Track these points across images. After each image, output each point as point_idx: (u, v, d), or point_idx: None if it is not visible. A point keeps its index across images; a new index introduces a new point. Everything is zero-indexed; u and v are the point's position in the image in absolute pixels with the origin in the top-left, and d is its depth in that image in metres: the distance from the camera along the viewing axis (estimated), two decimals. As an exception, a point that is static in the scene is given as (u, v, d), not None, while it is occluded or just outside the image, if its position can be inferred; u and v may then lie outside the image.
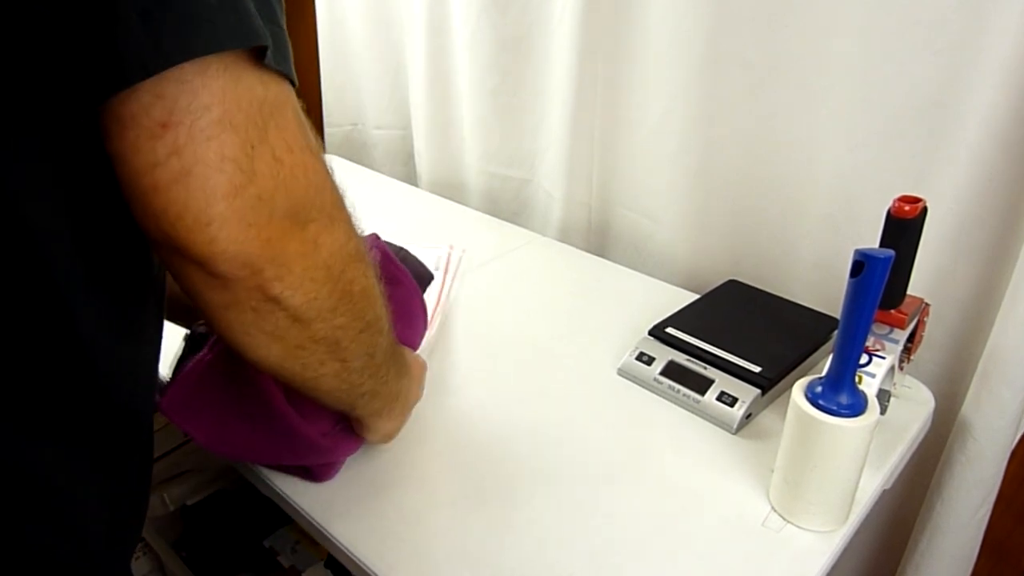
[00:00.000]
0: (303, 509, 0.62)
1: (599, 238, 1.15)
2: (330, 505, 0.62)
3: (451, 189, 1.33)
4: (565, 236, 1.15)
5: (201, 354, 0.54)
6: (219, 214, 0.34)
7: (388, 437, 0.63)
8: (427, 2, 1.20)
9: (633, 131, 1.03)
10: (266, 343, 0.41)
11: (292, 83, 0.38)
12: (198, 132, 0.33)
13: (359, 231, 0.45)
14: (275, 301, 0.39)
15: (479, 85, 1.18)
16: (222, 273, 0.36)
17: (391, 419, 0.61)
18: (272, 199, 0.36)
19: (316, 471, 0.64)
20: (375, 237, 0.65)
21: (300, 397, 0.50)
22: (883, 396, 0.71)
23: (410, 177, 1.43)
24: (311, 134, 0.39)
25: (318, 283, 0.40)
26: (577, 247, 1.11)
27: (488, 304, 0.94)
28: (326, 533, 0.60)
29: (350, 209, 0.43)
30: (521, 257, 1.07)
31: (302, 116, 0.38)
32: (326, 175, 0.40)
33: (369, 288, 0.46)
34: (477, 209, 1.25)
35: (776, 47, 0.84)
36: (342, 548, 0.59)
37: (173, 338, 0.58)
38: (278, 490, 0.65)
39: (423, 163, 1.37)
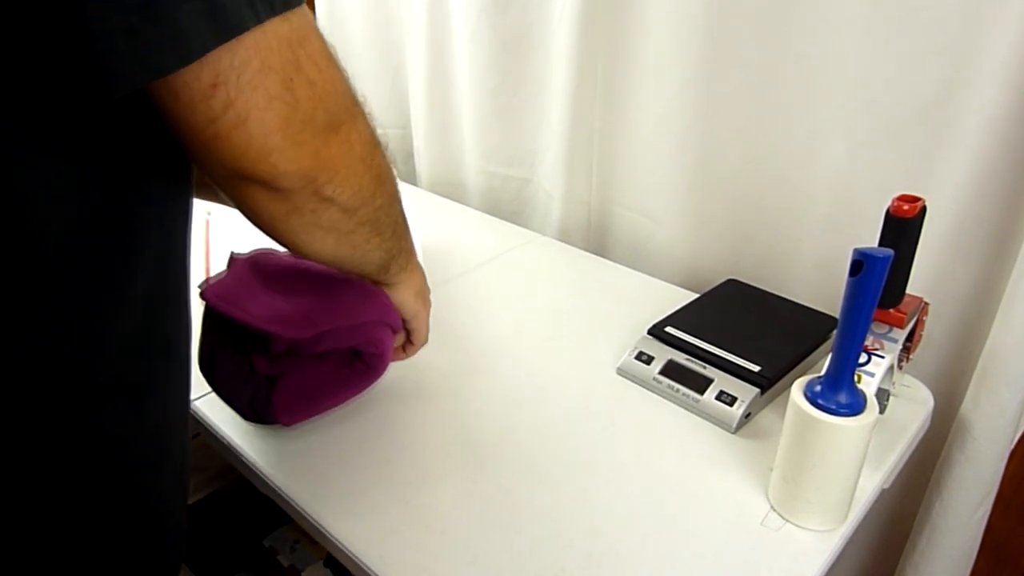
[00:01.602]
0: (303, 508, 0.62)
1: (599, 237, 1.15)
2: (329, 504, 0.63)
3: (451, 188, 1.33)
4: (565, 235, 1.15)
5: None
6: (276, 145, 0.39)
7: (420, 292, 0.68)
8: (427, 2, 1.20)
9: (633, 131, 1.03)
10: (322, 236, 0.47)
11: (304, 1, 0.40)
12: (245, 84, 0.36)
13: (370, 114, 0.49)
14: (329, 200, 0.45)
15: (479, 84, 1.18)
16: (284, 187, 0.42)
17: (414, 271, 0.67)
18: (313, 118, 0.40)
19: (369, 359, 0.67)
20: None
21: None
22: (882, 395, 0.71)
23: (410, 176, 1.43)
24: (328, 43, 0.42)
25: (359, 175, 0.46)
26: (577, 246, 1.11)
27: (488, 303, 0.94)
28: (325, 532, 0.60)
29: (360, 98, 0.47)
30: (520, 256, 1.07)
31: (319, 29, 0.41)
32: (345, 79, 0.44)
33: (388, 166, 0.52)
34: (477, 208, 1.25)
35: (776, 47, 0.84)
36: (341, 547, 0.59)
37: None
38: (278, 489, 0.65)
39: (423, 162, 1.37)
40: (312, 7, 1.45)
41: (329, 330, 0.63)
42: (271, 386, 0.65)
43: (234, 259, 0.65)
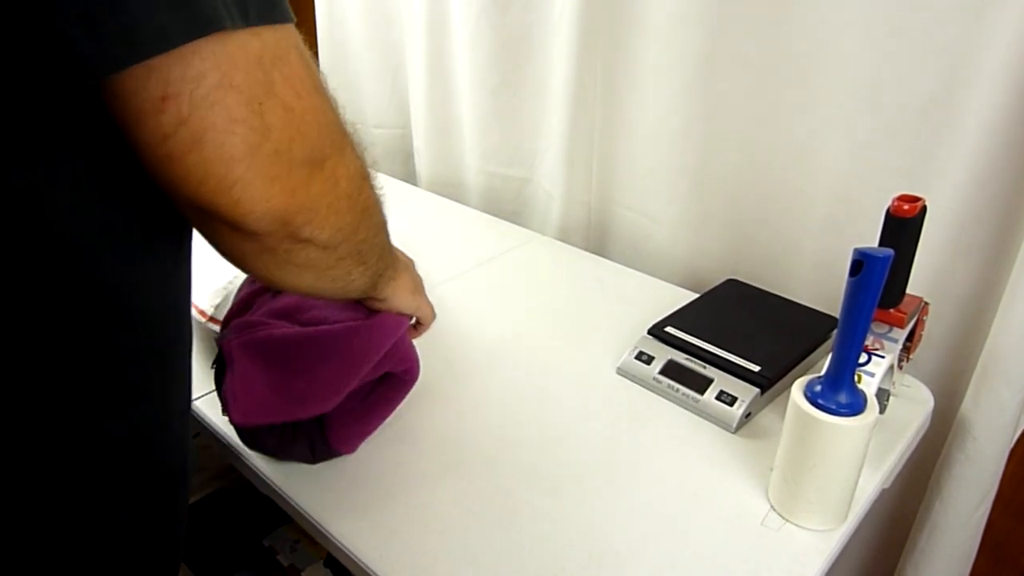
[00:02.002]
0: (302, 508, 0.62)
1: (598, 237, 1.15)
2: (329, 504, 0.63)
3: (450, 188, 1.33)
4: (564, 235, 1.15)
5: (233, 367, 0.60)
6: (240, 176, 0.35)
7: (414, 288, 0.66)
8: (427, 2, 1.20)
9: (633, 130, 1.03)
10: (298, 273, 0.43)
11: (290, 21, 0.37)
12: (200, 100, 0.32)
13: (359, 144, 0.45)
14: (306, 241, 0.40)
15: (479, 84, 1.18)
16: (253, 230, 0.37)
17: (401, 274, 0.63)
18: (289, 150, 0.36)
19: (353, 425, 0.67)
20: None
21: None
22: (882, 395, 0.71)
23: (409, 176, 1.43)
24: (315, 68, 0.38)
25: (342, 213, 0.42)
26: (576, 246, 1.11)
27: (487, 303, 0.94)
28: (325, 532, 0.60)
29: (350, 128, 0.44)
30: (520, 256, 1.07)
31: (307, 54, 0.38)
32: (332, 108, 0.40)
33: (376, 197, 0.48)
34: (476, 208, 1.25)
35: (776, 47, 0.84)
36: (341, 547, 0.59)
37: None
38: (277, 489, 0.65)
39: (422, 162, 1.37)
40: (312, 7, 1.45)
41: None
42: (322, 428, 0.64)
43: (228, 351, 0.61)
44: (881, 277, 0.52)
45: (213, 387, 0.75)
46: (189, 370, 0.52)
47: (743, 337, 0.78)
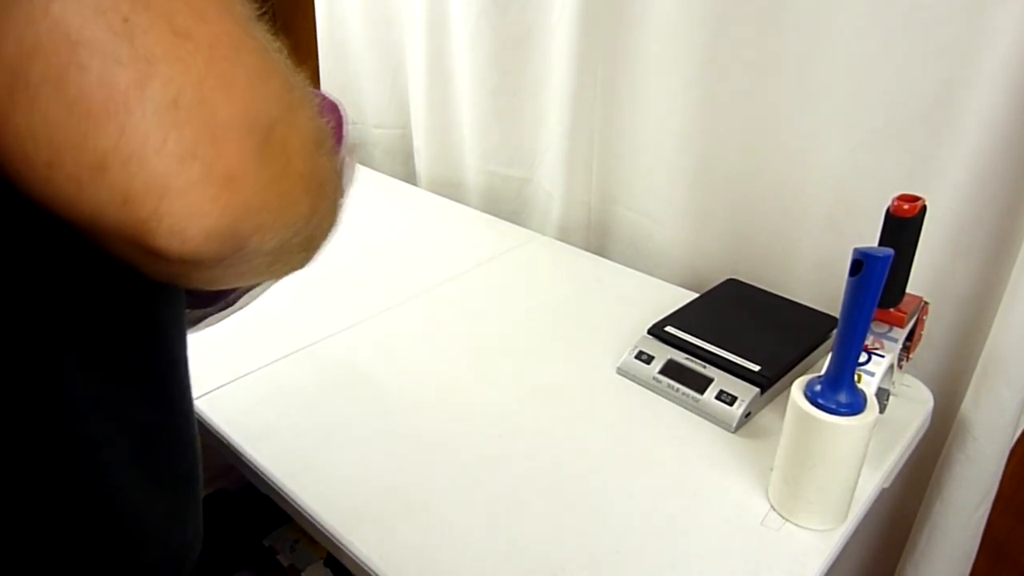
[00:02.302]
0: (303, 508, 0.63)
1: (598, 237, 1.15)
2: (329, 504, 0.62)
3: (450, 188, 1.33)
4: (564, 235, 1.15)
5: None
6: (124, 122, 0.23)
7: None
8: (427, 2, 1.20)
9: (633, 130, 1.03)
10: (237, 278, 0.32)
11: None
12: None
13: (312, 98, 0.31)
14: (254, 251, 0.28)
15: (479, 84, 1.18)
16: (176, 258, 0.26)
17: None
18: (203, 103, 0.24)
19: None
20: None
21: None
22: (882, 395, 0.71)
23: (409, 176, 1.43)
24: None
25: (295, 203, 0.29)
26: (576, 246, 1.11)
27: (487, 303, 0.94)
28: (325, 532, 0.60)
29: (290, 78, 0.29)
30: (520, 256, 1.07)
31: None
32: (267, 44, 0.27)
33: (334, 164, 0.34)
34: (476, 208, 1.25)
35: (776, 47, 0.84)
36: (341, 547, 0.59)
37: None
38: (278, 489, 0.65)
39: (422, 162, 1.37)
40: (312, 7, 1.45)
41: None
42: None
43: None
44: (881, 277, 0.52)
45: (213, 387, 0.76)
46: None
47: (743, 337, 0.78)
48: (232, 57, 0.25)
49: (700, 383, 0.74)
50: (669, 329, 0.80)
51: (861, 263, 0.51)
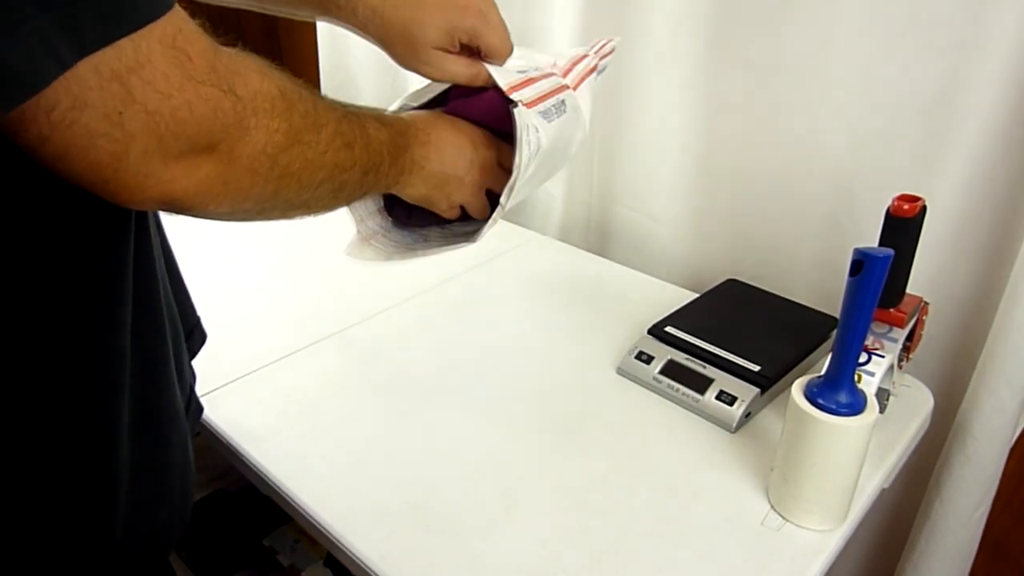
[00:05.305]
0: (303, 508, 0.63)
1: (599, 237, 1.15)
2: (329, 504, 0.63)
3: (451, 188, 1.33)
4: (565, 235, 1.15)
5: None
6: (111, 178, 0.35)
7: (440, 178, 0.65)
8: (427, 1, 1.20)
9: (633, 130, 1.03)
10: (231, 216, 0.43)
11: (156, 14, 0.34)
12: (57, 121, 0.32)
13: (297, 95, 0.42)
14: (208, 214, 0.40)
15: (479, 84, 1.18)
16: (144, 209, 0.39)
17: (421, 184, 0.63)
18: (162, 147, 0.35)
19: None
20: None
21: None
22: (882, 395, 0.72)
23: (410, 176, 1.43)
24: (201, 47, 0.36)
25: (244, 187, 0.40)
26: (577, 246, 1.11)
27: (487, 303, 0.94)
28: (325, 532, 0.61)
29: (274, 94, 0.40)
30: (521, 256, 1.07)
31: (181, 41, 0.35)
32: (220, 93, 0.37)
33: (315, 157, 0.44)
34: (477, 208, 1.25)
35: (777, 46, 0.84)
36: (341, 547, 0.59)
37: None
38: (278, 489, 0.65)
39: (423, 162, 1.37)
40: (312, 7, 1.45)
41: None
42: None
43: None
44: (881, 277, 0.52)
45: (213, 387, 0.76)
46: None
47: (743, 337, 0.78)
48: (186, 117, 0.36)
49: (700, 383, 0.74)
50: (669, 329, 0.80)
51: (861, 263, 0.51)
